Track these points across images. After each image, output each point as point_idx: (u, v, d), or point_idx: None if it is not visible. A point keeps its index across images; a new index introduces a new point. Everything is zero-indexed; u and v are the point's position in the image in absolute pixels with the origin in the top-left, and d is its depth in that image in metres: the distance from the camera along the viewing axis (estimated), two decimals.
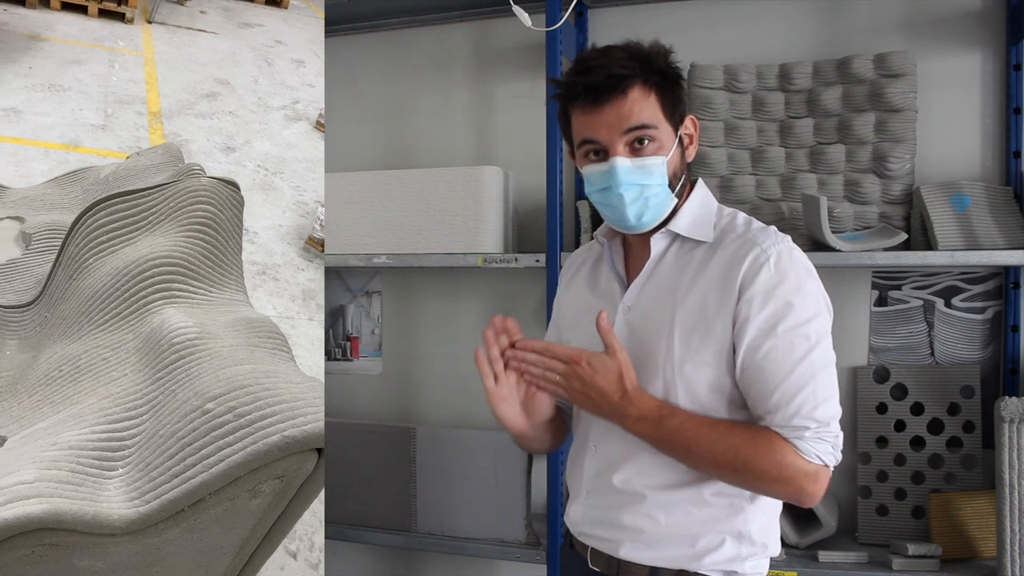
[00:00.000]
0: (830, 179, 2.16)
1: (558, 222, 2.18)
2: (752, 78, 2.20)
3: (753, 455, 1.19)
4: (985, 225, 1.99)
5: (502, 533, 2.25)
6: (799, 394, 1.19)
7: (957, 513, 2.02)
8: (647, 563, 1.28)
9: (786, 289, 1.21)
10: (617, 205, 1.26)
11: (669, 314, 1.26)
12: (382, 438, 2.37)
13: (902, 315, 2.22)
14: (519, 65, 2.55)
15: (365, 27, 2.70)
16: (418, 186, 2.35)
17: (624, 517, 1.29)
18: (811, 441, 1.19)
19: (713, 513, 1.26)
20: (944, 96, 2.16)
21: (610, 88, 1.22)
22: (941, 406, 2.12)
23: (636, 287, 1.33)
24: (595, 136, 1.25)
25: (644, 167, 1.24)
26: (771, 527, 1.30)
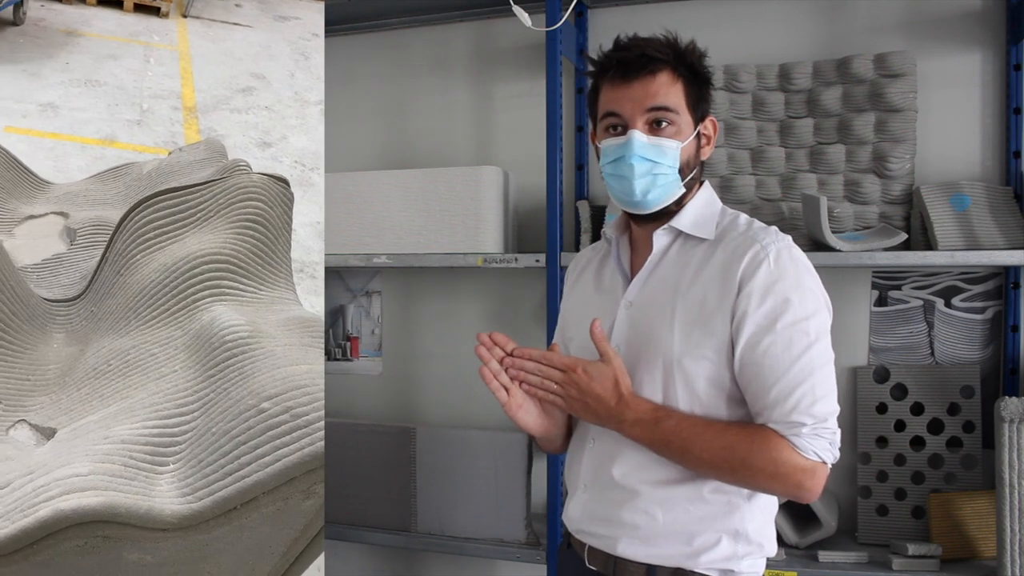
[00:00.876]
0: (830, 179, 2.16)
1: (558, 222, 2.18)
2: (752, 78, 2.20)
3: (748, 453, 1.20)
4: (985, 225, 1.99)
5: (502, 533, 2.25)
6: (797, 390, 1.19)
7: (957, 513, 2.02)
8: (644, 560, 1.29)
9: (785, 285, 1.22)
10: (627, 175, 1.29)
11: (670, 309, 1.28)
12: (382, 438, 2.37)
13: (902, 315, 2.22)
14: (519, 65, 2.55)
15: (365, 27, 2.70)
16: (418, 186, 2.35)
17: (622, 513, 1.30)
18: (808, 437, 1.19)
19: (710, 511, 1.27)
20: (944, 96, 2.16)
21: (640, 66, 1.27)
22: (941, 406, 2.12)
23: (638, 282, 1.35)
24: (618, 109, 1.29)
25: (659, 145, 1.28)
26: (767, 527, 1.31)
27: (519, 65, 2.55)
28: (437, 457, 2.31)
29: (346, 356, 2.76)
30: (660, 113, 1.27)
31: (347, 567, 2.75)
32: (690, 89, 1.30)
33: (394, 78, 2.71)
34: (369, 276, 2.74)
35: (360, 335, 2.76)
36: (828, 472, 1.22)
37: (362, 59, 2.74)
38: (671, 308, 1.28)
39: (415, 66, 2.69)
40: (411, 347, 2.70)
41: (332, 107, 2.77)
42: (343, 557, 2.72)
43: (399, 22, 2.67)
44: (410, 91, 2.69)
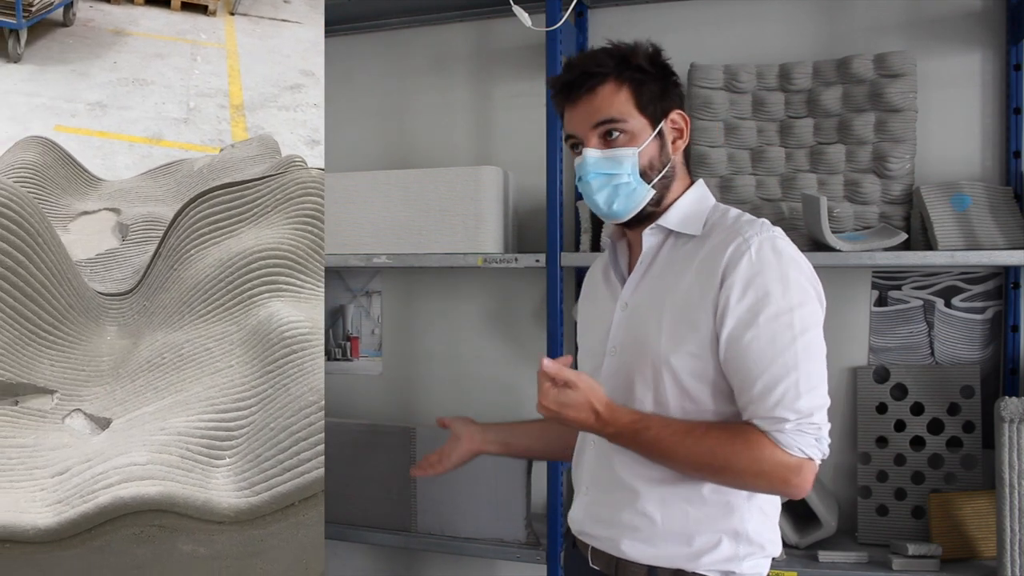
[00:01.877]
0: (830, 179, 2.16)
1: (558, 222, 2.18)
2: (752, 78, 2.20)
3: (730, 454, 1.20)
4: (985, 225, 1.99)
5: (502, 533, 2.25)
6: (780, 384, 1.19)
7: (957, 513, 2.02)
8: (645, 561, 1.29)
9: (766, 278, 1.21)
10: (588, 193, 1.33)
11: (658, 308, 1.29)
12: (382, 438, 2.37)
13: (902, 315, 2.22)
14: (519, 65, 2.55)
15: (365, 27, 2.70)
16: (418, 186, 2.35)
17: (622, 514, 1.31)
18: (792, 434, 1.19)
19: (709, 511, 1.27)
20: (944, 96, 2.16)
21: (579, 85, 1.31)
22: (941, 406, 2.12)
23: (631, 284, 1.36)
24: (572, 130, 1.35)
25: (613, 157, 1.30)
26: (769, 527, 1.30)
27: (519, 65, 2.55)
28: None
29: (346, 356, 2.76)
30: (607, 126, 1.30)
31: (347, 567, 2.75)
32: (639, 92, 1.31)
33: (394, 78, 2.71)
34: (369, 276, 2.74)
35: (360, 335, 2.75)
36: (816, 468, 1.21)
37: (362, 59, 2.74)
38: (660, 306, 1.29)
39: (415, 66, 2.69)
40: (411, 347, 2.70)
41: (332, 107, 2.77)
42: (343, 557, 2.72)
43: (399, 22, 2.67)
44: (410, 91, 2.69)
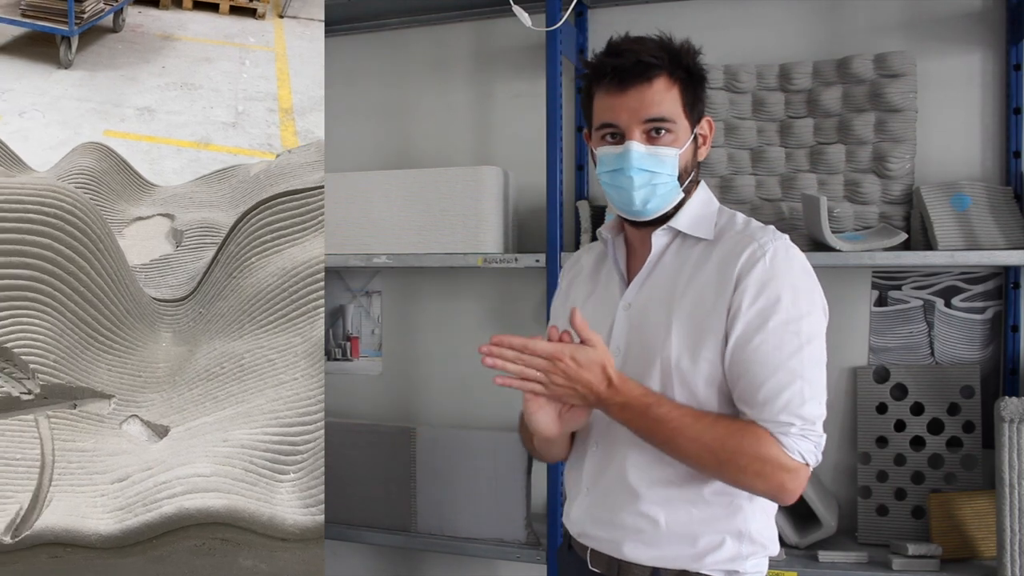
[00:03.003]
0: (830, 179, 2.16)
1: (558, 222, 2.18)
2: (752, 78, 2.20)
3: (738, 447, 1.19)
4: (985, 225, 1.99)
5: (502, 533, 2.25)
6: (786, 390, 1.19)
7: (957, 513, 2.02)
8: (648, 563, 1.28)
9: (779, 284, 1.21)
10: (626, 187, 1.27)
11: (667, 311, 1.27)
12: (382, 438, 2.37)
13: (902, 315, 2.22)
14: (519, 65, 2.55)
15: (365, 27, 2.70)
16: (418, 186, 2.35)
17: (624, 516, 1.29)
18: (795, 438, 1.19)
19: (713, 512, 1.26)
20: (944, 96, 2.16)
21: (637, 74, 1.25)
22: (941, 406, 2.12)
23: (636, 284, 1.34)
24: (615, 120, 1.27)
25: (657, 155, 1.26)
26: (769, 526, 1.31)
27: (519, 65, 2.55)
28: (437, 457, 2.31)
29: (346, 356, 2.76)
30: (658, 123, 1.26)
31: (347, 567, 2.75)
32: (686, 93, 1.28)
33: (394, 78, 2.71)
34: (369, 276, 2.74)
35: (360, 335, 2.75)
36: (809, 476, 1.22)
37: (362, 59, 2.74)
38: (668, 309, 1.27)
39: (415, 66, 2.69)
40: (411, 347, 2.70)
41: (332, 107, 2.77)
42: (343, 557, 2.72)
43: (399, 22, 2.67)
44: (410, 91, 2.69)
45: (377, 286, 2.74)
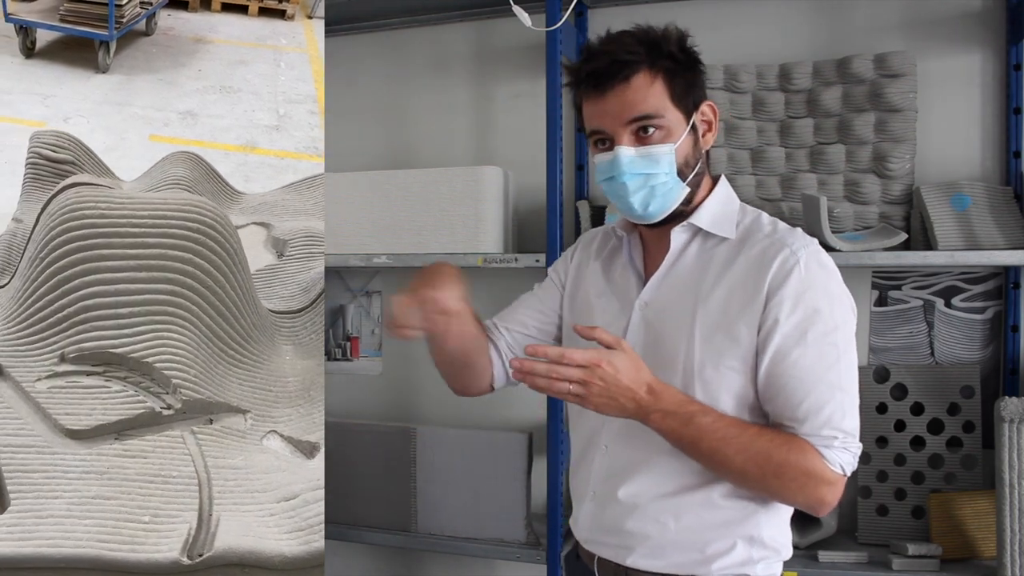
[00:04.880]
0: (830, 179, 2.16)
1: (558, 222, 2.18)
2: (752, 78, 2.20)
3: (785, 460, 1.16)
4: (985, 225, 1.99)
5: (502, 533, 2.25)
6: (828, 404, 1.16)
7: (957, 513, 2.02)
8: (656, 571, 1.25)
9: (816, 295, 1.18)
10: (622, 194, 1.23)
11: (690, 313, 1.22)
12: (382, 438, 2.37)
13: (902, 315, 2.22)
14: (519, 65, 2.55)
15: (365, 27, 2.70)
16: (418, 186, 2.35)
17: (632, 523, 1.26)
18: (838, 451, 1.17)
19: (724, 516, 1.23)
20: (944, 96, 2.16)
21: (611, 75, 1.20)
22: (941, 406, 2.12)
23: (655, 282, 1.29)
24: (601, 126, 1.23)
25: (649, 156, 1.21)
26: (783, 530, 1.28)
27: (519, 65, 2.55)
28: (437, 457, 2.31)
29: (346, 356, 2.76)
30: (643, 122, 1.20)
31: (347, 567, 2.75)
32: (673, 82, 1.21)
33: (394, 78, 2.71)
34: (369, 276, 2.74)
35: (360, 335, 2.75)
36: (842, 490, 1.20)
37: (362, 59, 2.74)
38: (691, 311, 1.22)
39: (415, 66, 2.68)
40: (411, 347, 2.67)
41: (332, 107, 2.77)
42: (343, 557, 2.72)
43: (399, 22, 2.67)
44: (410, 91, 2.69)
45: (377, 286, 2.74)
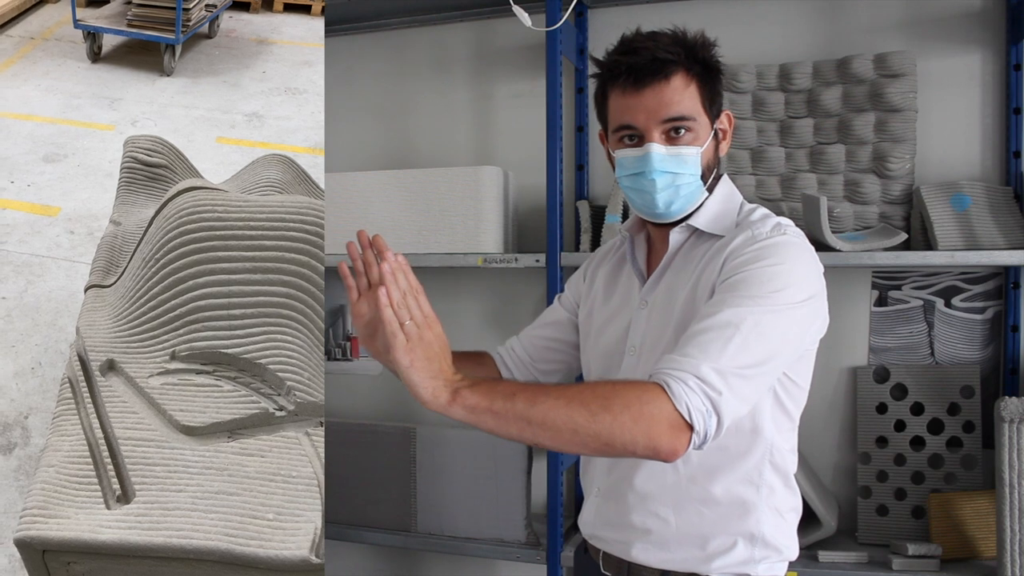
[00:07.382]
0: (830, 179, 2.16)
1: (558, 222, 2.18)
2: (752, 78, 2.20)
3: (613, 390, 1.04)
4: (985, 225, 1.99)
5: (502, 533, 2.25)
6: (712, 331, 1.07)
7: (957, 513, 2.02)
8: (657, 566, 1.26)
9: (768, 252, 1.15)
10: (648, 191, 1.23)
11: (681, 309, 1.24)
12: (382, 438, 2.37)
13: (902, 315, 2.22)
14: (519, 65, 2.55)
15: (365, 27, 2.70)
16: (418, 186, 2.35)
17: (634, 517, 1.27)
18: (692, 391, 1.03)
19: (723, 512, 1.23)
20: (944, 96, 2.16)
21: (653, 72, 1.20)
22: (941, 406, 2.12)
23: (652, 282, 1.31)
24: (633, 122, 1.22)
25: (679, 156, 1.22)
26: (785, 530, 1.27)
27: (519, 65, 2.55)
28: (437, 457, 2.31)
29: (346, 356, 2.76)
30: (677, 122, 1.21)
31: (347, 567, 2.75)
32: (704, 88, 1.23)
33: (394, 78, 2.71)
34: None
35: None
36: (690, 443, 1.04)
37: (362, 59, 2.74)
38: (683, 307, 1.24)
39: (415, 66, 2.68)
40: None
41: (332, 107, 2.77)
42: (343, 557, 2.72)
43: (399, 22, 2.67)
44: (410, 91, 2.69)
45: None
